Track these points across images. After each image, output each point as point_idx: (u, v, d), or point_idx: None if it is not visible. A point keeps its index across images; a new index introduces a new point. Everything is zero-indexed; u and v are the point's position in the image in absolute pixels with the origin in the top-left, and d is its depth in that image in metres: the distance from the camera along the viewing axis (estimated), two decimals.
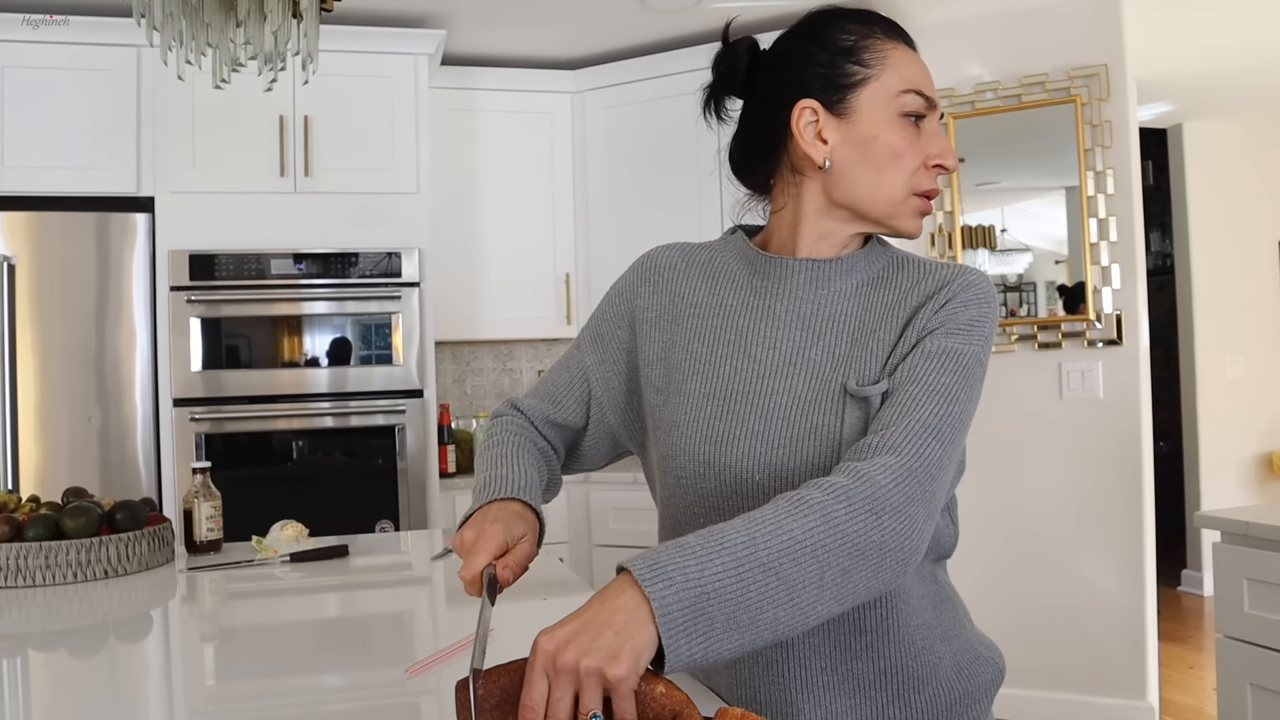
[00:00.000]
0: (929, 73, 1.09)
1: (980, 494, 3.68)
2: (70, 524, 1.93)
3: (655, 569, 0.80)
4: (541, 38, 3.78)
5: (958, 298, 1.05)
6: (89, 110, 3.24)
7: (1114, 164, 3.49)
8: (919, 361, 1.01)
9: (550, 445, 1.22)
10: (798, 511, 0.85)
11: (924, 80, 1.07)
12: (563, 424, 1.22)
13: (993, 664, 1.15)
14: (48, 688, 1.29)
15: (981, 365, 1.03)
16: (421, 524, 3.44)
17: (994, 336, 1.08)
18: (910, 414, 0.96)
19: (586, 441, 1.23)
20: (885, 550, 0.87)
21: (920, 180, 1.07)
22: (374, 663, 1.35)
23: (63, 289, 3.18)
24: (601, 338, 1.22)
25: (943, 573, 1.15)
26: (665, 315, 1.17)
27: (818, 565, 0.83)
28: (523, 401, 1.23)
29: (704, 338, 1.14)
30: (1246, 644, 2.13)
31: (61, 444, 3.18)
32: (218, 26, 1.93)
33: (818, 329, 1.09)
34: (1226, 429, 5.26)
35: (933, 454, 0.93)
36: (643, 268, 1.22)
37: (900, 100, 1.05)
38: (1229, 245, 5.30)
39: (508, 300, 3.93)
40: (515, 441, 1.15)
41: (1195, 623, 4.81)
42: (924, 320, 1.04)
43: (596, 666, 0.74)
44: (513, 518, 0.99)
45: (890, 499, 0.88)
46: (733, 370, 1.10)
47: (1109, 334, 3.50)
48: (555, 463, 1.21)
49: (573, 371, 1.22)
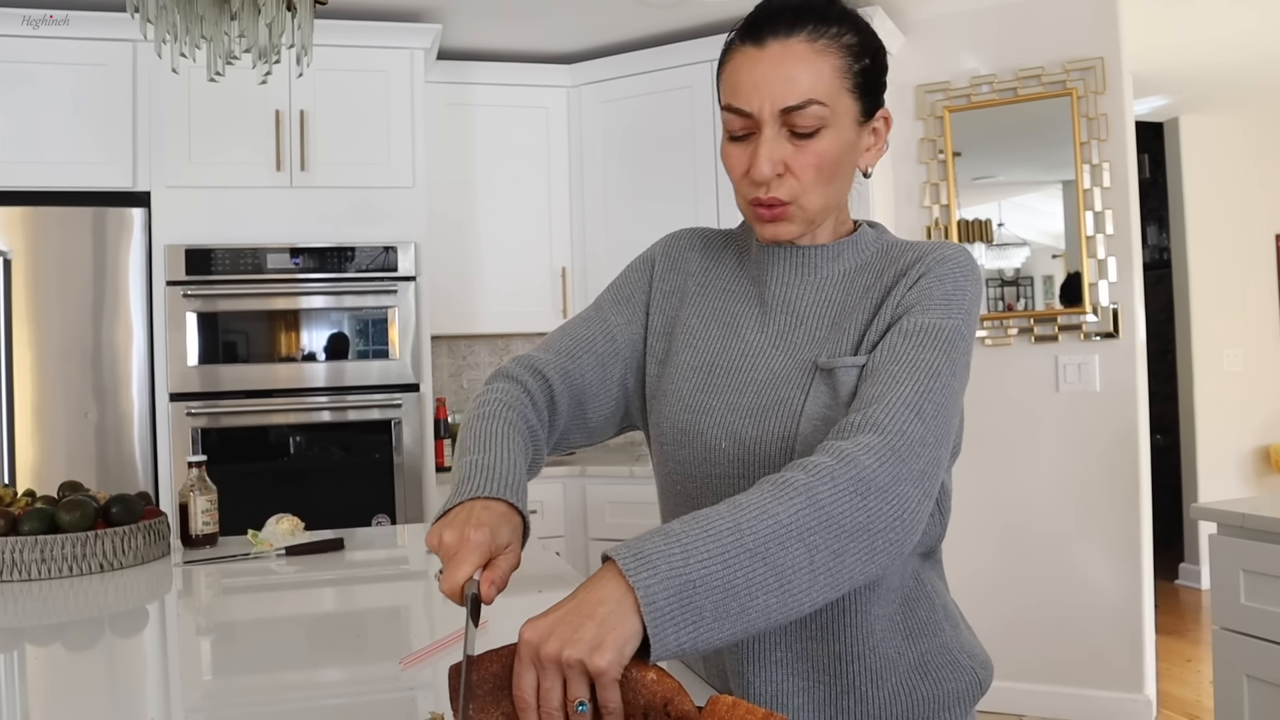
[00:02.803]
0: (771, 74, 1.01)
1: (977, 487, 3.68)
2: (66, 518, 1.92)
3: (639, 558, 0.79)
4: (537, 32, 3.77)
5: (932, 272, 1.04)
6: (84, 105, 3.23)
7: (1110, 157, 3.49)
8: (897, 340, 1.00)
9: (549, 414, 1.14)
10: (782, 494, 0.84)
11: (746, 92, 1.02)
12: (578, 383, 1.16)
13: (970, 672, 1.12)
14: (44, 682, 1.29)
15: (964, 339, 1.02)
16: (418, 518, 3.44)
17: (977, 309, 1.06)
18: (891, 391, 0.95)
19: (598, 405, 1.19)
20: (875, 531, 0.86)
21: (746, 190, 1.07)
22: (370, 656, 1.35)
23: (59, 284, 3.17)
24: (628, 299, 1.22)
25: (928, 571, 1.13)
26: (676, 292, 1.21)
27: (805, 549, 0.82)
28: (536, 357, 1.16)
29: (702, 315, 1.18)
30: (1243, 636, 2.13)
31: (58, 438, 3.18)
32: (212, 19, 1.92)
33: (802, 313, 1.11)
34: (1223, 423, 5.27)
35: (915, 431, 0.92)
36: (665, 245, 1.25)
37: (723, 118, 1.07)
38: (1226, 239, 5.30)
39: (504, 294, 3.92)
40: (506, 417, 1.07)
41: (1193, 616, 4.82)
42: (899, 297, 1.04)
43: (578, 658, 0.74)
44: (499, 521, 0.91)
45: (876, 478, 0.87)
46: (721, 347, 1.14)
47: (1106, 327, 3.50)
48: (543, 442, 1.13)
49: (594, 328, 1.19)
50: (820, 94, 1.01)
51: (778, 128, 1.02)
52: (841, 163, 1.06)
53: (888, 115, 1.10)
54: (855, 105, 1.05)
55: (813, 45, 1.02)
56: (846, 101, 1.04)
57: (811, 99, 1.01)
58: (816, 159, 1.03)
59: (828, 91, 1.02)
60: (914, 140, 3.79)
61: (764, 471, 1.05)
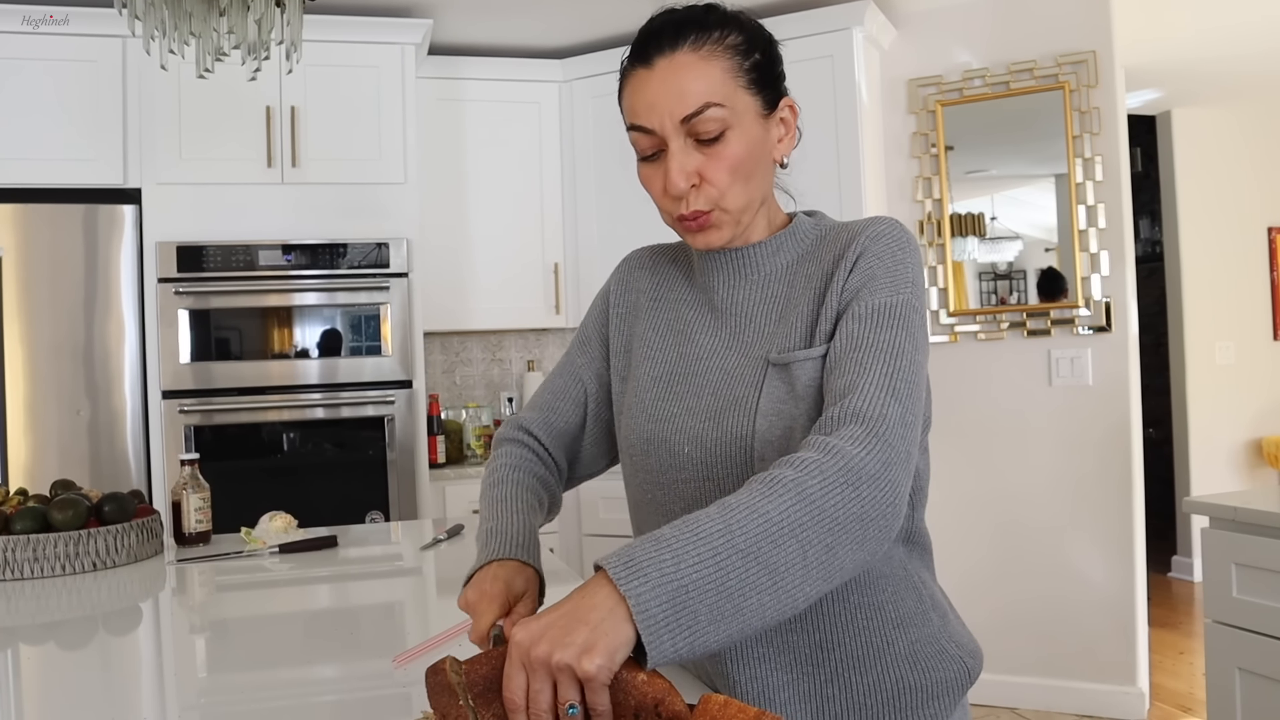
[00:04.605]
0: (662, 89, 1.04)
1: (970, 481, 3.69)
2: (58, 516, 1.92)
3: (630, 566, 0.79)
4: (528, 27, 3.77)
5: (869, 251, 1.05)
6: (75, 102, 3.22)
7: (1102, 151, 3.49)
8: (853, 326, 1.01)
9: (553, 460, 1.26)
10: (772, 492, 0.84)
11: (644, 110, 1.05)
12: (562, 429, 1.27)
13: (959, 662, 1.12)
14: (37, 681, 1.29)
15: (917, 312, 1.02)
16: (411, 514, 3.44)
17: (921, 278, 1.06)
18: (862, 378, 0.96)
19: (586, 442, 1.28)
20: (867, 520, 0.86)
21: (668, 207, 1.09)
22: (364, 654, 1.35)
23: (50, 281, 3.16)
24: (588, 339, 1.29)
25: (914, 561, 1.13)
26: (632, 311, 1.26)
27: (798, 545, 0.82)
28: (523, 417, 1.28)
29: (657, 328, 1.21)
30: (1235, 628, 2.14)
31: (50, 437, 3.17)
32: (200, 16, 1.92)
33: (749, 312, 1.13)
34: (1216, 416, 5.29)
35: (895, 413, 0.93)
36: (618, 272, 1.30)
37: (631, 139, 1.08)
38: (1218, 232, 5.32)
39: (496, 290, 3.92)
40: (514, 479, 1.19)
41: (1185, 609, 4.84)
42: (841, 282, 1.05)
43: (567, 662, 0.75)
44: (513, 575, 1.03)
45: (866, 467, 0.87)
46: (677, 356, 1.17)
47: (1098, 321, 3.51)
48: (555, 485, 1.26)
49: (566, 377, 1.28)
50: (715, 96, 1.03)
51: (683, 139, 1.04)
52: (754, 159, 1.07)
53: (793, 104, 1.11)
54: (755, 100, 1.06)
55: (698, 53, 1.04)
56: (745, 99, 1.05)
57: (708, 102, 1.02)
58: (728, 161, 1.04)
59: (722, 93, 1.03)
60: (906, 135, 3.79)
61: (726, 471, 1.07)
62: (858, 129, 3.48)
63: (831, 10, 3.47)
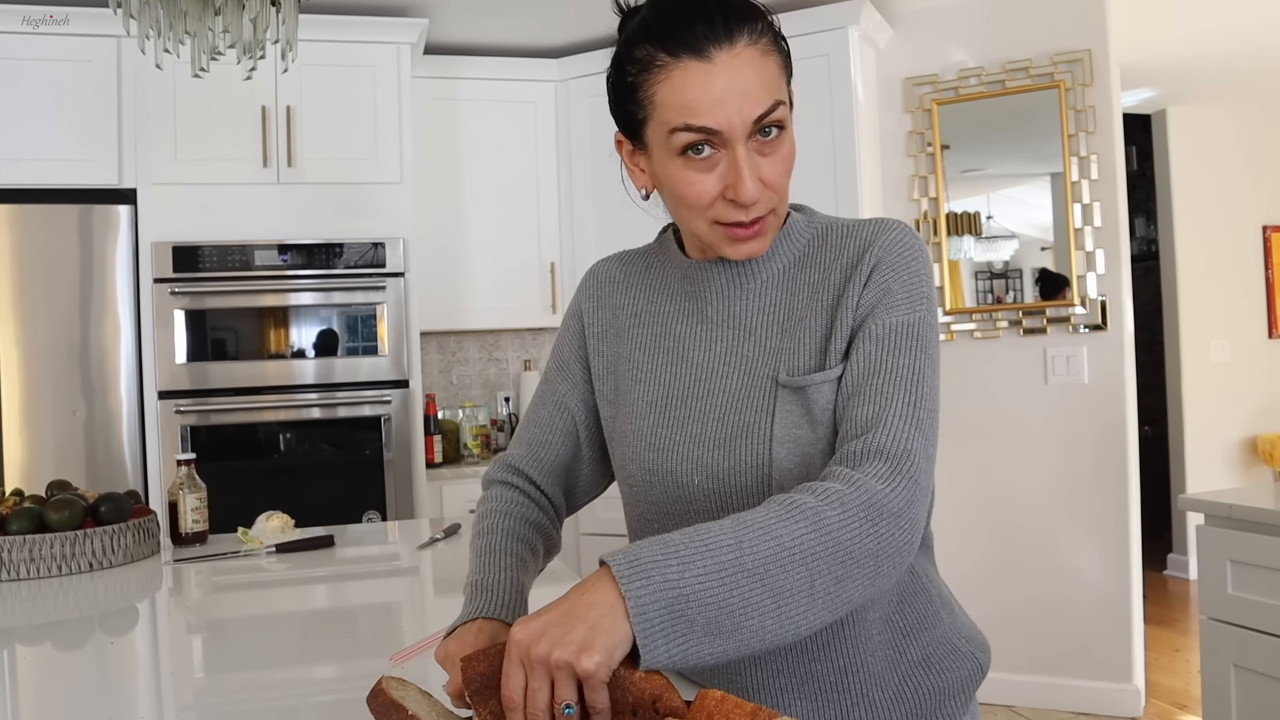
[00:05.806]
0: (734, 86, 0.93)
1: (966, 481, 3.69)
2: (54, 517, 1.92)
3: (635, 566, 0.78)
4: (524, 26, 3.76)
5: (884, 263, 1.00)
6: (69, 102, 3.21)
7: (1098, 150, 3.49)
8: (871, 348, 0.97)
9: (546, 499, 1.20)
10: (789, 516, 0.83)
11: (703, 107, 0.93)
12: (554, 463, 1.20)
13: (971, 658, 1.11)
14: (34, 681, 1.28)
15: (933, 329, 1.00)
16: (408, 514, 3.44)
17: (934, 288, 1.02)
18: (885, 410, 0.93)
19: (583, 470, 1.21)
20: (882, 557, 0.85)
21: (720, 213, 0.98)
22: (361, 653, 1.35)
23: (45, 282, 3.16)
24: (566, 363, 1.21)
25: (922, 559, 1.11)
26: (610, 329, 1.17)
27: (807, 574, 0.81)
28: (511, 455, 1.20)
29: (645, 347, 1.13)
30: (1230, 625, 2.14)
31: (46, 437, 3.17)
32: (195, 15, 1.91)
33: (748, 324, 1.06)
34: (1211, 414, 5.29)
35: (920, 448, 0.91)
36: (586, 285, 1.22)
37: (675, 139, 0.95)
38: (1214, 231, 5.32)
39: (493, 290, 3.91)
40: (504, 528, 1.12)
41: (1181, 606, 4.85)
42: (855, 297, 1.00)
43: (567, 659, 0.75)
44: (497, 631, 0.97)
45: (890, 504, 0.86)
46: (672, 376, 1.10)
47: (1094, 319, 3.51)
48: (551, 527, 1.19)
49: (551, 406, 1.21)
50: (780, 93, 0.97)
51: (746, 141, 0.95)
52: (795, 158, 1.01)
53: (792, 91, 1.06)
54: (791, 94, 1.01)
55: (756, 46, 0.95)
56: (788, 93, 1.00)
57: (777, 100, 0.96)
58: (784, 163, 0.98)
59: (781, 89, 0.98)
60: (902, 133, 3.80)
61: (742, 503, 1.02)
62: (854, 128, 3.48)
63: (827, 9, 3.48)
